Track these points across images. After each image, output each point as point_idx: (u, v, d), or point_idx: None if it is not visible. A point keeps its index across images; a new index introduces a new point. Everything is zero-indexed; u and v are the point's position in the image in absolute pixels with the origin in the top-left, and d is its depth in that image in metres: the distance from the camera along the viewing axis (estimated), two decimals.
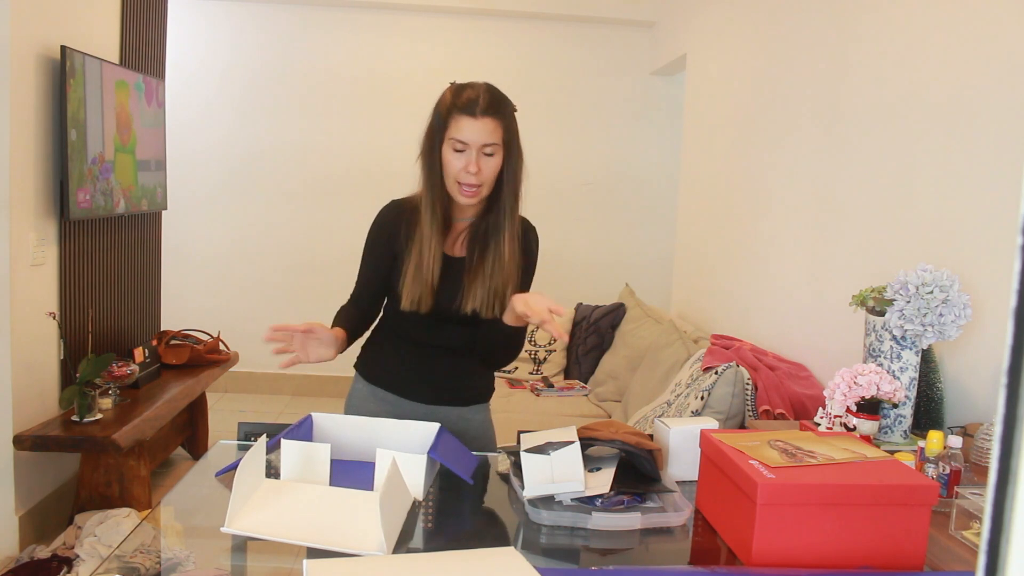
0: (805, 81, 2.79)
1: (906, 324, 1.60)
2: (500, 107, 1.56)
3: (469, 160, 1.54)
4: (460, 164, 1.55)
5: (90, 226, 3.13)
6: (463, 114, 1.53)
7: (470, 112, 1.53)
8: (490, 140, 1.54)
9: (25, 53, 2.67)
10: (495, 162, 1.57)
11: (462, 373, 1.76)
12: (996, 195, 1.80)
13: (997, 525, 0.33)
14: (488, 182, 1.58)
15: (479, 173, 1.55)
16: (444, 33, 4.87)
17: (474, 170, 1.54)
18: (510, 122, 1.58)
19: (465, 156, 1.55)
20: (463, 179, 1.56)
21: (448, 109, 1.56)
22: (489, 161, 1.56)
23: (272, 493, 1.26)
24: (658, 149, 5.00)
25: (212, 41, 4.78)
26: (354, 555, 1.10)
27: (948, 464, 1.37)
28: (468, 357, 1.75)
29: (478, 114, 1.52)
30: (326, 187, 4.89)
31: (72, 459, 3.00)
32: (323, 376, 4.92)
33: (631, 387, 3.35)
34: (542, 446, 1.35)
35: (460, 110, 1.54)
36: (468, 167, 1.54)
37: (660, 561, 1.19)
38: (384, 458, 1.32)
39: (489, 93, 1.56)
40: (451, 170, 1.57)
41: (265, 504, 1.22)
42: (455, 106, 1.55)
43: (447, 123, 1.55)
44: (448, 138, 1.55)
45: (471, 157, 1.54)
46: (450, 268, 1.65)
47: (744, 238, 3.31)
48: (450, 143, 1.55)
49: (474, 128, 1.53)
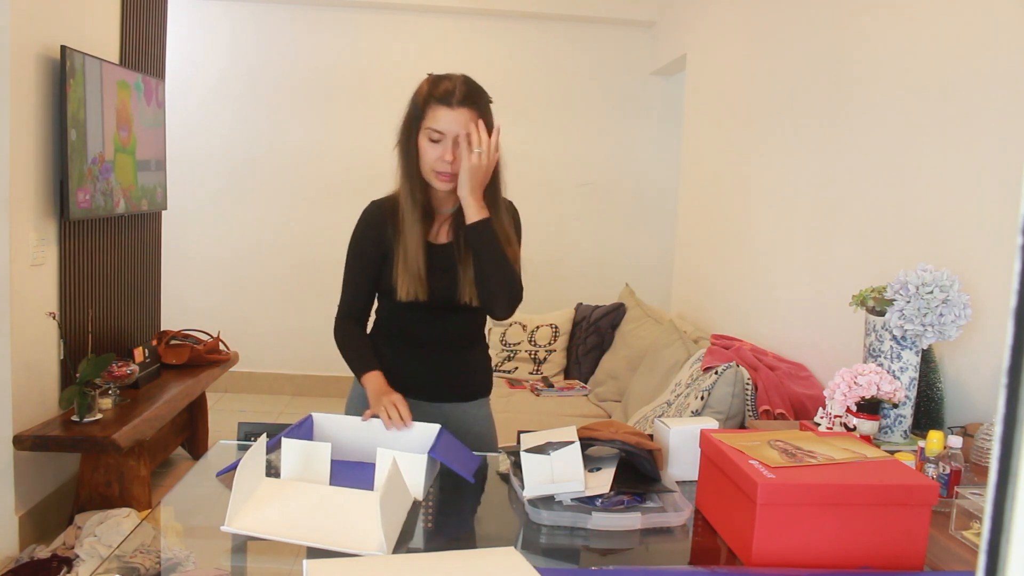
0: (805, 81, 2.79)
1: (906, 324, 1.60)
2: (476, 97, 1.59)
3: (445, 149, 1.57)
4: (436, 153, 1.58)
5: (90, 226, 3.13)
6: (440, 104, 1.56)
7: (446, 102, 1.56)
8: (466, 129, 1.56)
9: (25, 53, 2.67)
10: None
11: (462, 368, 1.77)
12: (996, 195, 1.80)
13: (997, 525, 0.33)
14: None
15: (455, 162, 1.58)
16: (444, 33, 4.87)
17: (449, 158, 1.57)
18: (486, 112, 1.61)
19: (441, 146, 1.57)
20: (439, 167, 1.59)
21: (425, 99, 1.59)
22: (465, 150, 1.58)
23: (272, 492, 1.26)
24: (658, 149, 5.00)
25: (212, 41, 4.78)
26: (354, 555, 1.10)
27: (948, 464, 1.37)
28: (466, 351, 1.76)
29: (454, 104, 1.56)
30: (326, 187, 4.89)
31: (72, 459, 3.00)
32: (323, 376, 4.92)
33: (631, 387, 3.35)
34: (542, 446, 1.35)
35: (437, 100, 1.57)
36: (444, 155, 1.57)
37: (660, 561, 1.19)
38: (384, 458, 1.32)
39: (465, 84, 1.59)
40: (427, 159, 1.60)
41: (265, 504, 1.23)
42: (432, 96, 1.58)
43: (424, 113, 1.58)
44: (424, 127, 1.58)
45: (447, 146, 1.57)
46: (439, 256, 1.67)
47: (744, 238, 3.31)
48: (426, 132, 1.58)
49: (450, 118, 1.56)
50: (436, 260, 1.66)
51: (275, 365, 4.96)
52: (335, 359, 1.73)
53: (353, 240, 1.74)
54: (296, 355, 4.96)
